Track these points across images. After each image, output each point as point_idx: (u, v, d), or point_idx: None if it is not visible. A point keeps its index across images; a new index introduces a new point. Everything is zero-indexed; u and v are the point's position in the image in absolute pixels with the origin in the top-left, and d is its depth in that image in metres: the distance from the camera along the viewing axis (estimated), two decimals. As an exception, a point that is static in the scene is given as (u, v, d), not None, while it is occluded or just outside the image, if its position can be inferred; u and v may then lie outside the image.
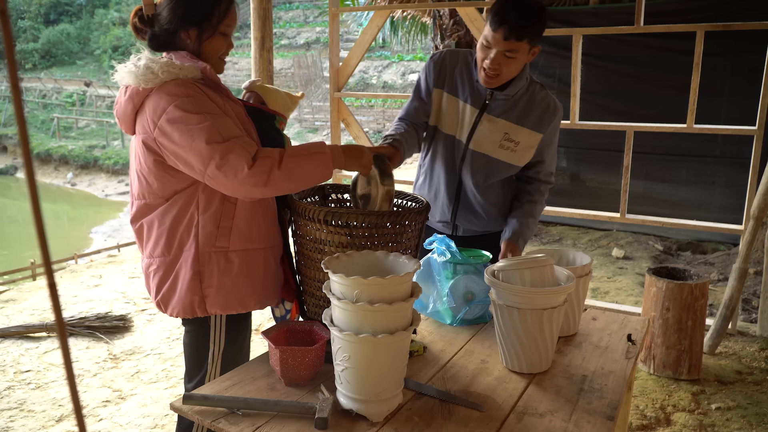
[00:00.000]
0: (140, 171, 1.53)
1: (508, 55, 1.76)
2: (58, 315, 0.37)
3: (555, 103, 1.98)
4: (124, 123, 1.56)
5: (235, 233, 1.54)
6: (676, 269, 3.15)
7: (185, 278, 1.54)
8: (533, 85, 1.97)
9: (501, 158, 1.97)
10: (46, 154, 21.55)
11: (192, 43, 1.54)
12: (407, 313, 1.24)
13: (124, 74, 1.48)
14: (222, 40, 1.57)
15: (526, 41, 1.75)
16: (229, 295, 1.56)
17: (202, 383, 1.62)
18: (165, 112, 1.42)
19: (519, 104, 1.94)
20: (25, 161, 0.36)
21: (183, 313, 1.57)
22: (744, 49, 4.82)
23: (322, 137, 20.02)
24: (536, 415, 1.28)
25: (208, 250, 1.53)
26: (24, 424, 2.67)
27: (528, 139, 1.95)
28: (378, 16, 4.60)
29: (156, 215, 1.55)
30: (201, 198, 1.52)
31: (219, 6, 1.53)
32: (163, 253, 1.56)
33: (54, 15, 32.56)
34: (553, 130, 1.98)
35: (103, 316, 3.83)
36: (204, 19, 1.52)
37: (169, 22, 1.52)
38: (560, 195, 5.98)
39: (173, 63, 1.47)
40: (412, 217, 1.52)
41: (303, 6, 29.49)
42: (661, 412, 2.70)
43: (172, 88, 1.44)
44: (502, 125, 1.94)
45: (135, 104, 1.49)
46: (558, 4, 5.76)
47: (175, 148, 1.42)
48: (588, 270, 1.72)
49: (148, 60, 1.46)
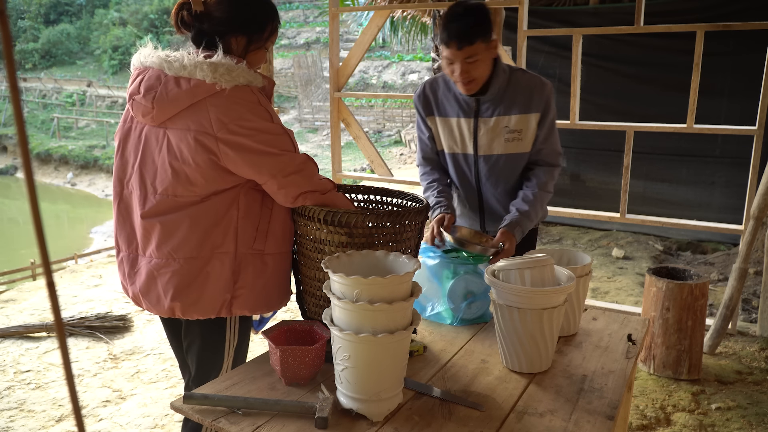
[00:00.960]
0: (177, 166, 1.45)
1: (470, 61, 1.85)
2: (57, 314, 0.37)
3: (540, 80, 2.00)
4: (163, 111, 1.44)
5: (270, 236, 1.56)
6: (676, 269, 3.15)
7: (220, 279, 1.51)
8: (514, 73, 2.00)
9: (511, 151, 2.02)
10: (46, 154, 21.55)
11: (238, 50, 1.53)
12: (407, 313, 1.24)
13: (191, 66, 1.43)
14: (264, 54, 1.60)
15: (479, 42, 1.83)
16: (260, 296, 1.57)
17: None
18: (241, 116, 1.42)
19: (506, 96, 1.98)
20: (23, 161, 0.36)
21: (206, 314, 1.53)
22: (744, 49, 4.82)
23: (322, 137, 20.02)
24: (536, 415, 1.28)
25: (245, 251, 1.53)
26: (24, 424, 2.68)
27: (528, 123, 1.99)
28: (378, 16, 4.60)
29: (186, 214, 1.47)
30: (242, 201, 1.51)
31: (273, 22, 1.57)
32: (191, 254, 1.49)
33: (54, 15, 32.57)
34: (547, 104, 1.99)
35: (103, 316, 3.83)
36: (257, 30, 1.54)
37: (222, 24, 1.50)
38: (560, 195, 5.96)
39: (248, 70, 1.47)
40: (412, 216, 1.52)
41: (303, 6, 29.49)
42: (661, 412, 2.70)
43: (247, 93, 1.45)
44: (499, 121, 1.98)
45: (195, 98, 1.43)
46: (558, 4, 5.76)
47: (248, 152, 1.43)
48: (588, 270, 1.72)
49: (227, 60, 1.44)
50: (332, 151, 4.79)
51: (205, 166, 1.44)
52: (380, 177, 4.75)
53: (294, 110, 22.48)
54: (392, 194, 1.79)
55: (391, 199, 1.79)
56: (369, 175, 5.22)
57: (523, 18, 3.78)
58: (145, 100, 1.45)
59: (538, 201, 2.00)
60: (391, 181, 4.67)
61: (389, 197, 1.79)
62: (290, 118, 22.02)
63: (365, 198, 1.82)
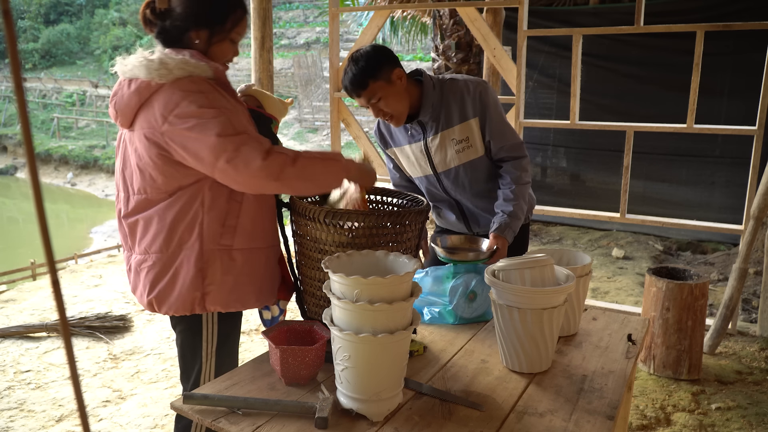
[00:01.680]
0: (141, 165, 1.51)
1: (375, 101, 1.89)
2: (62, 313, 0.37)
3: (466, 84, 1.99)
4: (123, 116, 1.52)
5: (239, 232, 1.55)
6: (676, 269, 3.15)
7: (187, 275, 1.53)
8: (444, 84, 2.01)
9: (466, 159, 2.04)
10: (46, 154, 21.54)
11: (201, 44, 1.53)
12: (407, 313, 1.24)
13: (133, 67, 1.46)
14: (230, 47, 1.57)
15: (371, 84, 1.85)
16: (231, 292, 1.56)
17: (198, 383, 1.63)
18: (177, 106, 1.42)
19: (443, 110, 2.00)
20: (28, 159, 0.36)
21: (181, 311, 1.56)
22: (744, 49, 4.82)
23: (322, 137, 20.00)
24: (536, 415, 1.28)
25: (212, 247, 1.53)
26: (24, 424, 2.68)
27: (470, 128, 2.00)
28: (378, 16, 4.60)
29: (156, 211, 1.53)
30: (206, 196, 1.51)
31: (234, 13, 1.54)
32: (160, 250, 1.54)
33: (54, 15, 32.56)
34: (482, 104, 1.99)
35: (103, 316, 3.83)
36: (218, 22, 1.53)
37: (182, 20, 1.51)
38: (560, 195, 5.98)
39: (189, 60, 1.46)
40: (412, 217, 1.52)
41: (303, 6, 29.49)
42: (661, 412, 2.70)
43: (186, 84, 1.44)
44: (444, 136, 2.02)
45: (142, 98, 1.47)
46: (558, 4, 5.76)
47: (185, 142, 1.42)
48: (588, 270, 1.72)
49: (163, 55, 1.45)
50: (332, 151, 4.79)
51: (160, 162, 1.48)
52: (380, 177, 4.75)
53: (294, 110, 22.47)
54: (392, 194, 1.79)
55: (391, 199, 1.79)
56: (369, 175, 5.19)
57: (523, 18, 3.78)
58: (111, 107, 1.55)
59: (519, 196, 2.00)
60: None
61: (389, 197, 1.79)
62: (290, 118, 22.02)
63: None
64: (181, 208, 1.51)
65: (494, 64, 4.07)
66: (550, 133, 6.06)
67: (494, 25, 5.53)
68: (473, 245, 1.97)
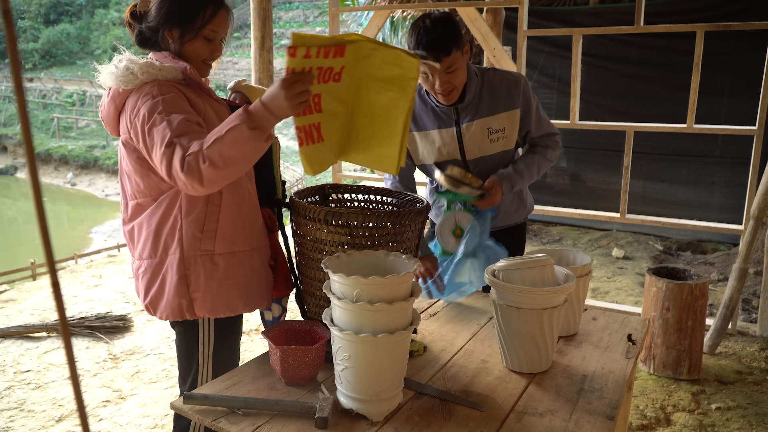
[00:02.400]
0: (128, 171, 1.54)
1: (450, 71, 1.86)
2: (62, 313, 0.37)
3: (514, 77, 2.02)
4: (108, 124, 1.55)
5: (220, 236, 1.53)
6: (676, 269, 3.15)
7: (172, 282, 1.52)
8: (486, 73, 2.02)
9: (497, 150, 2.03)
10: (46, 154, 21.54)
11: (174, 43, 1.53)
12: (407, 313, 1.24)
13: (105, 76, 1.48)
14: (204, 44, 1.55)
15: (455, 51, 1.82)
16: (217, 298, 1.55)
17: (195, 385, 1.63)
18: (137, 113, 1.43)
19: (483, 99, 1.99)
20: (28, 159, 0.36)
21: (173, 316, 1.56)
22: (744, 49, 4.82)
23: (322, 137, 19.95)
24: (536, 415, 1.28)
25: (193, 253, 1.51)
26: (24, 424, 2.68)
27: (510, 121, 2.01)
28: (378, 16, 4.60)
29: (144, 217, 1.54)
30: (183, 201, 1.50)
31: (204, 10, 1.51)
32: (150, 255, 1.55)
33: (54, 15, 32.56)
34: (526, 97, 2.01)
35: (103, 316, 3.83)
36: (187, 20, 1.51)
37: (154, 20, 1.52)
38: (560, 195, 5.98)
39: (153, 64, 1.45)
40: (412, 217, 1.52)
41: (303, 6, 29.48)
42: (661, 412, 2.70)
43: (149, 89, 1.44)
44: (481, 124, 2.00)
45: (117, 105, 1.49)
46: (558, 4, 5.76)
47: (146, 149, 1.43)
48: (588, 270, 1.72)
49: (128, 61, 1.46)
50: (332, 151, 4.78)
51: (138, 166, 1.50)
52: (380, 177, 4.75)
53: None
54: (392, 194, 1.79)
55: (391, 199, 1.79)
56: (369, 175, 5.22)
57: (523, 18, 3.78)
58: (101, 117, 1.57)
59: (534, 163, 2.02)
60: (391, 181, 4.66)
61: (389, 197, 1.79)
62: (290, 118, 22.00)
63: (365, 198, 1.82)
64: (163, 213, 1.51)
65: (494, 64, 4.07)
66: (550, 133, 6.05)
67: (494, 25, 5.53)
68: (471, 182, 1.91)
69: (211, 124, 1.49)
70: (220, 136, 1.31)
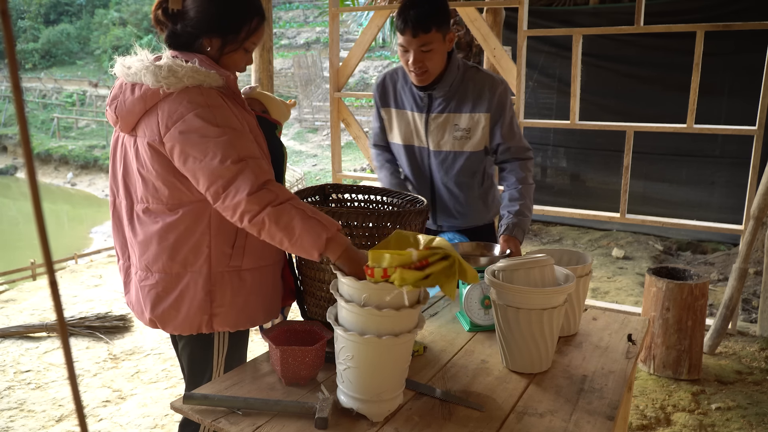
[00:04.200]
0: (144, 174, 1.44)
1: (424, 50, 1.85)
2: (60, 314, 0.37)
3: (492, 80, 2.00)
4: (125, 121, 1.44)
5: (248, 252, 1.49)
6: (676, 269, 3.15)
7: (194, 298, 1.47)
8: (468, 70, 2.01)
9: (460, 149, 2.03)
10: (46, 154, 21.53)
11: (213, 51, 1.46)
12: (414, 318, 1.24)
13: (137, 71, 1.38)
14: (243, 56, 1.50)
15: (434, 31, 1.82)
16: (240, 313, 1.52)
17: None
18: (183, 119, 1.34)
19: (457, 94, 1.99)
20: (26, 160, 0.36)
21: (186, 331, 1.51)
22: (744, 49, 4.82)
23: (322, 137, 20.00)
24: (536, 415, 1.28)
25: (221, 269, 1.47)
26: (24, 424, 2.67)
27: (477, 122, 1.99)
28: (378, 16, 4.60)
29: (159, 227, 1.45)
30: (214, 217, 1.44)
31: (250, 22, 1.47)
32: (163, 270, 1.47)
33: (54, 15, 32.56)
34: (500, 105, 1.98)
35: (103, 316, 3.83)
36: (232, 31, 1.45)
37: (194, 25, 1.44)
38: (560, 195, 5.98)
39: (199, 69, 1.38)
40: (412, 217, 1.52)
41: (303, 6, 29.48)
42: (661, 412, 2.70)
43: (195, 95, 1.36)
44: (448, 118, 2.00)
45: (147, 105, 1.39)
46: (558, 4, 5.76)
47: (185, 159, 1.35)
48: (588, 270, 1.71)
49: (171, 61, 1.37)
50: (332, 151, 4.79)
51: (163, 172, 1.41)
52: (372, 176, 4.75)
53: (294, 110, 22.46)
54: (392, 194, 1.79)
55: (391, 199, 1.79)
56: (369, 175, 5.22)
57: (523, 18, 3.78)
58: (110, 110, 1.46)
59: (525, 196, 2.01)
60: (391, 181, 4.66)
61: (389, 197, 1.79)
62: (290, 118, 22.02)
63: (365, 198, 1.82)
64: (185, 228, 1.44)
65: (494, 64, 4.07)
66: (550, 133, 6.06)
67: (494, 25, 5.53)
68: (485, 251, 1.92)
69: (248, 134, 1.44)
70: (308, 212, 1.31)
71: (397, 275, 1.10)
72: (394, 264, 1.11)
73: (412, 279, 1.11)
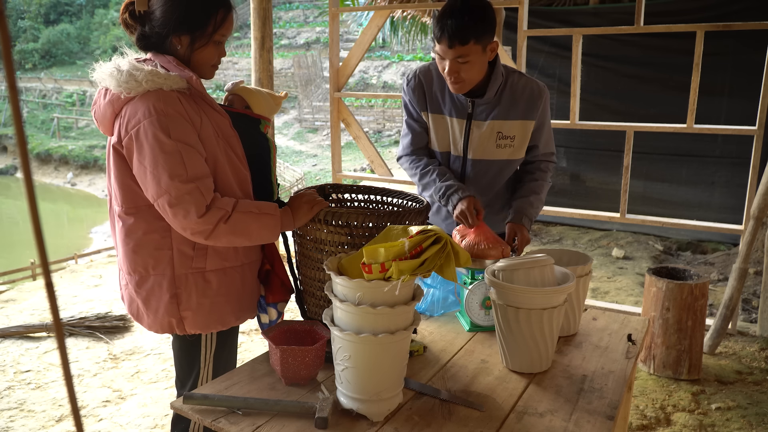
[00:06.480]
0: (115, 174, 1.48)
1: (461, 61, 1.75)
2: (56, 315, 0.37)
3: (539, 87, 1.95)
4: (102, 125, 1.48)
5: (211, 253, 1.50)
6: (676, 269, 3.15)
7: (161, 301, 1.49)
8: (511, 76, 1.93)
9: (502, 157, 1.97)
10: (46, 154, 21.55)
11: (183, 49, 1.46)
12: (409, 315, 1.24)
13: (104, 76, 1.41)
14: (214, 50, 1.50)
15: (472, 43, 1.71)
16: (209, 315, 1.53)
17: (195, 387, 1.62)
18: (139, 125, 1.36)
19: (502, 100, 1.92)
20: (22, 161, 0.36)
21: (162, 331, 1.54)
22: (744, 49, 4.82)
23: (322, 137, 20.01)
24: (536, 415, 1.28)
25: (185, 272, 1.48)
26: (24, 424, 2.67)
27: (522, 130, 1.95)
28: (378, 16, 4.60)
29: (127, 228, 1.48)
30: None
31: (216, 15, 1.46)
32: (130, 271, 1.51)
33: (54, 15, 32.57)
34: (543, 112, 1.96)
35: (103, 316, 3.83)
36: (198, 26, 1.44)
37: (161, 25, 1.44)
38: (560, 195, 5.98)
39: (158, 72, 1.38)
40: (412, 217, 1.52)
41: (303, 6, 29.48)
42: (661, 412, 2.69)
43: (154, 101, 1.36)
44: (493, 126, 1.93)
45: (115, 109, 1.42)
46: (558, 4, 5.75)
47: (138, 165, 1.38)
48: (588, 270, 1.71)
49: (131, 66, 1.38)
50: (332, 151, 4.79)
51: (120, 175, 1.45)
52: (380, 177, 4.75)
53: (294, 110, 22.48)
54: (392, 194, 1.79)
55: (392, 199, 1.79)
56: (369, 175, 5.22)
57: (523, 18, 3.78)
58: (93, 116, 1.50)
59: (540, 191, 2.00)
60: (391, 181, 4.67)
61: (389, 197, 1.79)
62: (290, 118, 22.02)
63: (365, 198, 1.82)
64: (143, 232, 1.46)
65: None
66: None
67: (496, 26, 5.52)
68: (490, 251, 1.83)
69: (208, 138, 1.44)
70: (255, 212, 1.43)
71: (394, 268, 1.14)
72: (389, 257, 1.15)
73: (408, 269, 1.15)
